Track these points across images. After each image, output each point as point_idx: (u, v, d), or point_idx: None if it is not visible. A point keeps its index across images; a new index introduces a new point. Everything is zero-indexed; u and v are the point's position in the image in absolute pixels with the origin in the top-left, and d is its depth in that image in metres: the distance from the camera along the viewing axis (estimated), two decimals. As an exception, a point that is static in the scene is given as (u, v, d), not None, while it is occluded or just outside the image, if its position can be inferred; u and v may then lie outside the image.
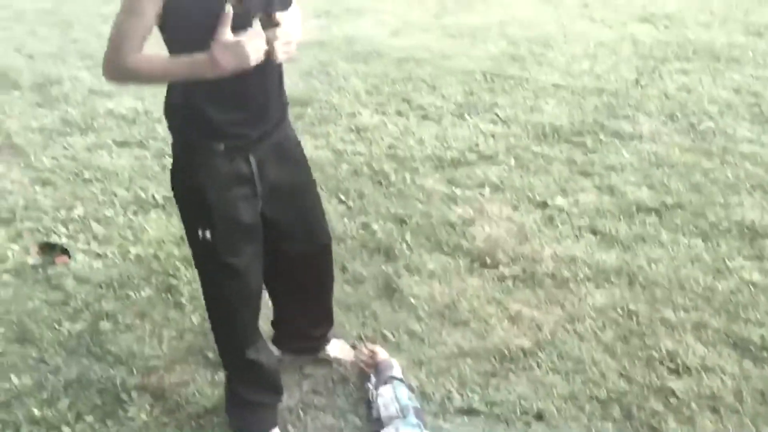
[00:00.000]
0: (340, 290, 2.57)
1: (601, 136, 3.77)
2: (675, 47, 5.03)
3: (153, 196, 3.28)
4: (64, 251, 2.86)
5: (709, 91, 4.27)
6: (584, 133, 3.81)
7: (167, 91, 1.69)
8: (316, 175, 2.06)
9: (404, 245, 2.89)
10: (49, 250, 2.87)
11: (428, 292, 2.60)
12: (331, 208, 3.15)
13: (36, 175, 3.48)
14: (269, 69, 1.62)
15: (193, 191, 1.72)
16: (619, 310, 2.47)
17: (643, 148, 3.63)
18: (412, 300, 2.56)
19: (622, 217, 3.02)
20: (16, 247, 2.90)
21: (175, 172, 1.77)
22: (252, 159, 1.72)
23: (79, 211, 3.17)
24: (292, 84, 4.49)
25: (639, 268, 2.68)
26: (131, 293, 2.63)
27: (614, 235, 2.90)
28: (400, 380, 2.04)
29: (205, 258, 1.81)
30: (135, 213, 3.17)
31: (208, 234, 1.73)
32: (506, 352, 2.31)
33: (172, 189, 1.79)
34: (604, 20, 5.77)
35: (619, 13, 5.95)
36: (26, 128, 3.97)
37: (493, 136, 3.84)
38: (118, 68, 1.56)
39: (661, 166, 3.44)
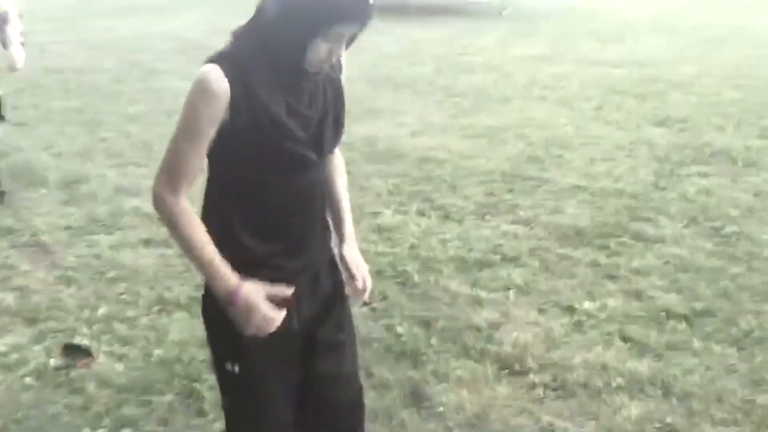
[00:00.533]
0: (367, 396, 2.50)
1: (625, 239, 3.77)
2: (691, 150, 5.11)
3: (177, 297, 3.27)
4: (88, 353, 2.83)
5: (730, 195, 4.29)
6: (607, 236, 3.82)
7: (204, 214, 1.61)
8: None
9: (430, 350, 2.85)
10: (73, 351, 2.84)
11: (457, 401, 2.54)
12: (355, 309, 3.11)
13: (61, 273, 3.49)
14: (314, 201, 1.63)
15: (224, 322, 1.57)
16: (656, 423, 2.40)
17: (667, 252, 3.62)
18: (441, 408, 2.50)
19: (651, 323, 2.98)
20: (39, 348, 2.88)
21: (206, 298, 1.65)
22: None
23: (103, 311, 3.16)
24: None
25: (673, 378, 2.62)
26: (153, 398, 2.58)
27: (645, 342, 2.85)
28: None
29: (231, 390, 1.70)
30: (159, 313, 3.15)
31: (236, 368, 1.63)
32: (541, 466, 2.23)
33: (202, 313, 1.70)
34: (618, 123, 5.89)
35: (633, 116, 6.07)
36: (53, 226, 4.01)
37: (515, 237, 3.85)
38: (165, 202, 1.51)
39: (687, 270, 3.42)
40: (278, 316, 1.53)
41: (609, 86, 7.12)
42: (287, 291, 1.57)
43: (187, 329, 3.02)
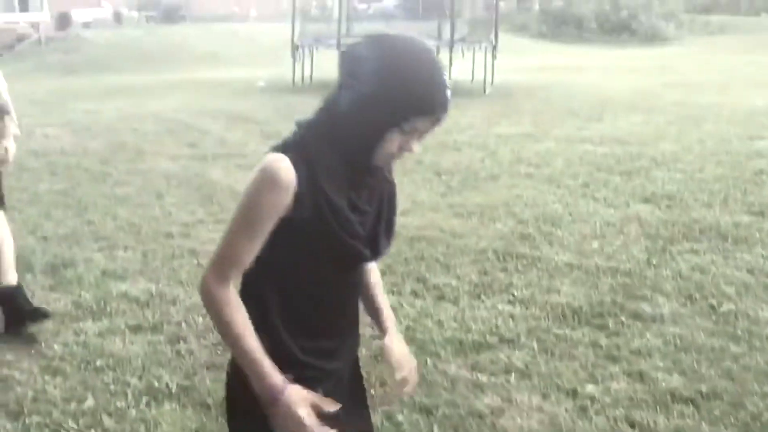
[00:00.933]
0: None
1: (622, 318, 3.74)
2: (681, 227, 5.14)
3: (167, 385, 3.16)
4: (74, 449, 2.70)
5: (723, 272, 4.30)
6: (604, 315, 3.78)
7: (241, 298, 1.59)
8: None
9: (433, 440, 2.75)
10: (58, 447, 2.71)
11: (464, 495, 2.44)
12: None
13: (46, 363, 3.37)
14: (355, 299, 1.61)
15: (254, 418, 1.52)
16: None
17: (666, 331, 3.58)
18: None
19: (658, 407, 2.91)
20: (20, 443, 2.75)
21: (233, 383, 1.59)
22: (320, 391, 1.57)
23: (89, 402, 3.04)
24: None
25: (685, 466, 2.54)
26: (144, 498, 2.45)
27: (653, 427, 2.78)
28: None
29: None
30: (148, 404, 3.03)
31: None
32: None
33: (228, 396, 1.63)
34: (606, 200, 5.94)
35: (620, 193, 6.13)
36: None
37: (512, 317, 3.80)
38: (212, 292, 1.47)
39: (689, 350, 3.37)
40: (319, 430, 1.46)
41: (594, 163, 7.22)
42: (333, 406, 1.51)
43: (179, 421, 2.91)
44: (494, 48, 14.05)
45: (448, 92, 1.45)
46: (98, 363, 3.37)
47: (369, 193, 1.55)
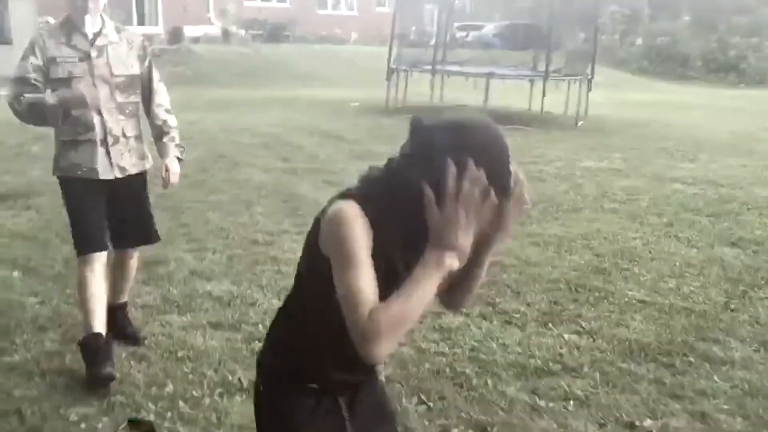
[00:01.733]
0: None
1: (691, 358, 3.70)
2: (765, 273, 5.00)
3: (240, 380, 3.36)
4: (151, 429, 2.93)
5: (804, 321, 4.17)
6: (673, 354, 3.75)
7: (279, 330, 1.78)
8: (397, 372, 2.10)
9: (485, 456, 2.83)
10: (137, 426, 2.95)
11: None
12: (411, 407, 3.15)
13: (133, 350, 3.64)
14: None
15: (282, 417, 1.69)
16: None
17: (735, 375, 3.52)
18: None
19: (716, 447, 2.89)
20: (106, 419, 3.00)
21: (267, 390, 1.76)
22: (341, 401, 1.73)
23: (169, 388, 3.28)
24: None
25: (737, 507, 2.52)
26: (210, 478, 2.64)
27: (708, 467, 2.76)
28: None
29: None
30: (221, 395, 3.25)
31: None
32: None
33: (257, 406, 1.80)
34: (690, 240, 5.83)
35: (705, 234, 6.01)
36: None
37: (577, 348, 3.83)
38: (379, 327, 1.43)
39: (756, 396, 3.31)
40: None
41: (682, 203, 7.09)
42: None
43: (247, 414, 3.07)
44: (589, 81, 13.95)
45: (513, 176, 1.55)
46: (179, 354, 3.62)
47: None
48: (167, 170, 3.56)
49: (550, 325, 4.13)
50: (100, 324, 3.33)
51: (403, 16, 17.31)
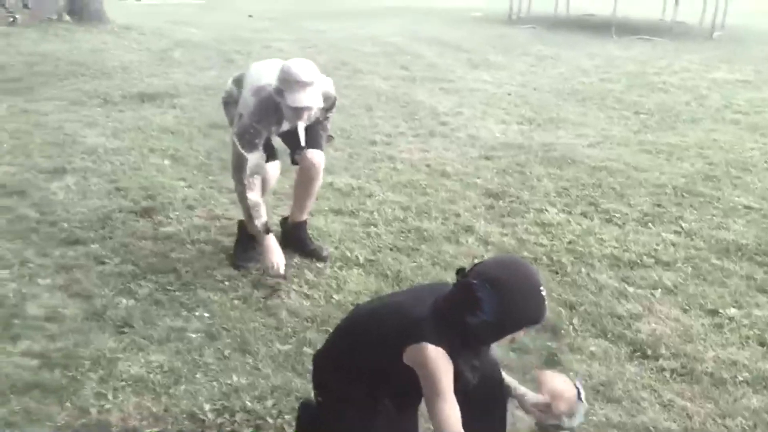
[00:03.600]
0: (506, 356, 2.88)
1: (787, 259, 3.80)
2: None
3: (357, 257, 3.82)
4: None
5: None
6: (769, 255, 3.87)
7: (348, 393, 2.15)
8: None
9: (571, 327, 3.16)
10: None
11: (587, 370, 2.84)
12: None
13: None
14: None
15: None
16: (773, 414, 2.55)
17: (830, 276, 3.61)
18: (571, 373, 2.80)
19: (794, 334, 3.07)
20: (245, 279, 3.55)
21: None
22: None
23: (296, 260, 3.78)
24: (488, 178, 4.98)
25: (803, 383, 2.73)
26: (329, 329, 3.12)
27: (782, 349, 2.96)
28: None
29: None
30: (340, 268, 3.71)
31: None
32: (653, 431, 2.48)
33: None
34: (812, 152, 5.70)
35: (831, 146, 5.84)
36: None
37: (673, 245, 4.01)
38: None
39: None
40: None
41: (811, 116, 6.84)
42: None
43: (362, 283, 3.55)
44: (729, -11, 13.11)
45: (546, 304, 2.02)
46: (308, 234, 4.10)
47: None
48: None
49: (650, 225, 4.31)
50: None
51: None
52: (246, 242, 3.78)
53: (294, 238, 3.89)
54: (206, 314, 3.22)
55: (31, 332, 3.03)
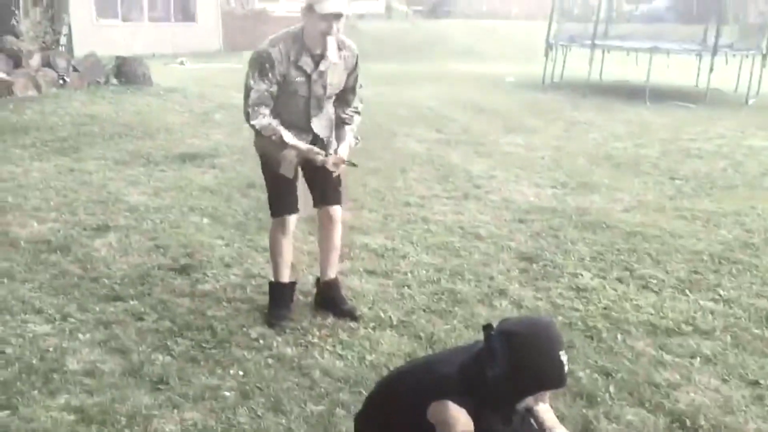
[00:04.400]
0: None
1: (830, 330, 3.72)
2: None
3: (390, 317, 3.83)
4: (316, 348, 3.45)
5: None
6: (811, 325, 3.78)
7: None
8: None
9: (607, 395, 3.11)
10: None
11: (624, 439, 2.79)
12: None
13: (306, 289, 4.19)
14: None
15: None
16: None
17: None
18: (607, 443, 2.76)
19: (838, 408, 2.98)
20: (279, 338, 3.58)
21: None
22: None
23: (330, 320, 3.80)
24: (521, 241, 4.99)
25: None
26: (364, 391, 3.12)
27: (827, 423, 2.87)
28: None
29: None
30: (374, 329, 3.73)
31: None
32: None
33: None
34: None
35: None
36: (298, 250, 4.81)
37: (712, 313, 3.95)
38: None
39: None
40: None
41: None
42: None
43: (395, 345, 3.55)
44: (764, 56, 13.18)
45: (566, 368, 2.05)
46: (341, 293, 4.14)
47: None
48: (336, 154, 3.72)
49: (687, 291, 4.26)
50: (285, 275, 3.86)
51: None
52: (279, 301, 3.84)
53: (328, 297, 3.93)
54: (240, 372, 3.25)
55: (69, 387, 3.08)
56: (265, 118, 3.56)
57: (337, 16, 3.41)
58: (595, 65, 14.23)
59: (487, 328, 2.08)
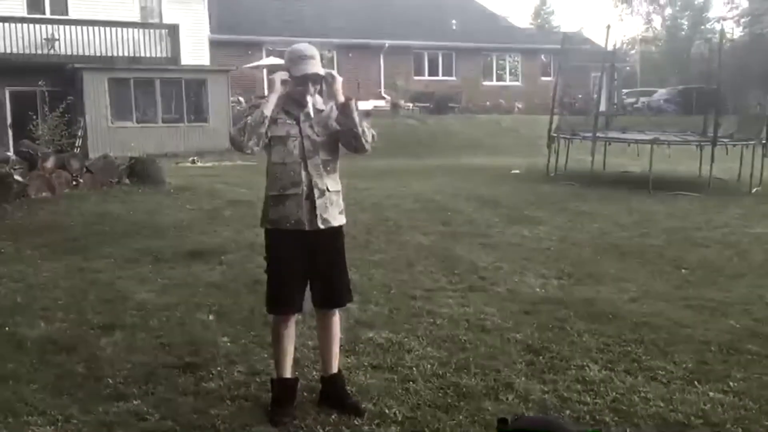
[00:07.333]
0: None
1: (842, 422, 3.64)
2: None
3: (395, 413, 3.78)
4: None
5: None
6: (824, 416, 3.70)
7: None
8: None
9: (616, 493, 3.03)
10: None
11: None
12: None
13: (308, 386, 4.17)
14: None
15: None
16: None
17: None
18: None
19: None
20: None
21: None
22: None
23: (334, 416, 3.75)
24: (528, 333, 4.97)
25: None
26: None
27: None
28: None
29: None
30: (378, 425, 3.67)
31: None
32: None
33: None
34: None
35: None
36: (303, 346, 4.80)
37: (722, 405, 3.88)
38: None
39: None
40: None
41: None
42: None
43: (400, 442, 3.50)
44: (764, 146, 13.40)
45: None
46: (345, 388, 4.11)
47: None
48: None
49: (696, 383, 4.20)
50: (287, 371, 3.87)
51: (569, 84, 17.56)
52: (282, 398, 3.81)
53: (331, 393, 3.90)
54: (242, 473, 3.20)
55: (68, 490, 3.04)
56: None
57: (314, 79, 3.75)
58: (599, 156, 14.49)
59: (501, 422, 2.07)
